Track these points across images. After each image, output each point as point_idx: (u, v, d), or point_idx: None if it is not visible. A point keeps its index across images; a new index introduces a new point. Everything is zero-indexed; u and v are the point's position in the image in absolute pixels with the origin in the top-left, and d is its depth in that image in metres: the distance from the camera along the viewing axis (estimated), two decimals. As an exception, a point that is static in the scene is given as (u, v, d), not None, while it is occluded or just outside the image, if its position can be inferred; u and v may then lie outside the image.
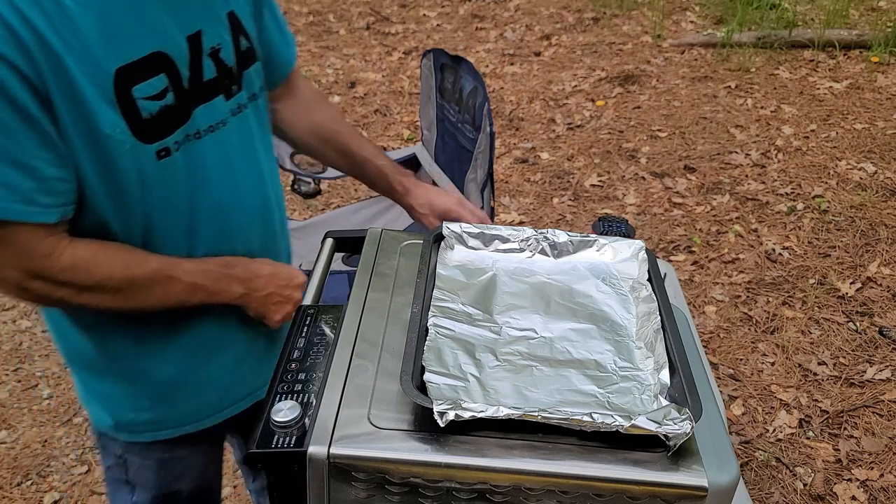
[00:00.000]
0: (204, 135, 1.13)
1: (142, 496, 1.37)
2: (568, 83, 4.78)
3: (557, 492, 0.88)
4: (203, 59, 1.11)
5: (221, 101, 1.15)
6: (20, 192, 0.98)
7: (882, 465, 2.34)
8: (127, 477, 1.36)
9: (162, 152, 1.07)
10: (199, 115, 1.11)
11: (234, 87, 1.18)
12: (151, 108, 1.04)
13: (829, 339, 2.81)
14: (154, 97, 1.04)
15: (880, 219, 3.36)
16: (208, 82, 1.12)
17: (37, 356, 2.95)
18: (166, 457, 1.34)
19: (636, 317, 1.10)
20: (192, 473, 1.39)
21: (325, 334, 1.09)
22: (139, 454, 1.33)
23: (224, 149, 1.17)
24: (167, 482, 1.36)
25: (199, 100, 1.11)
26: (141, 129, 1.03)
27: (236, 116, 1.19)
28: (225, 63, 1.15)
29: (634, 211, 3.58)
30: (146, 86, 1.03)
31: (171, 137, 1.08)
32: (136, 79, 1.01)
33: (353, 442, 0.89)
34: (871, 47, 4.69)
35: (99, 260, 1.08)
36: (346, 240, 1.34)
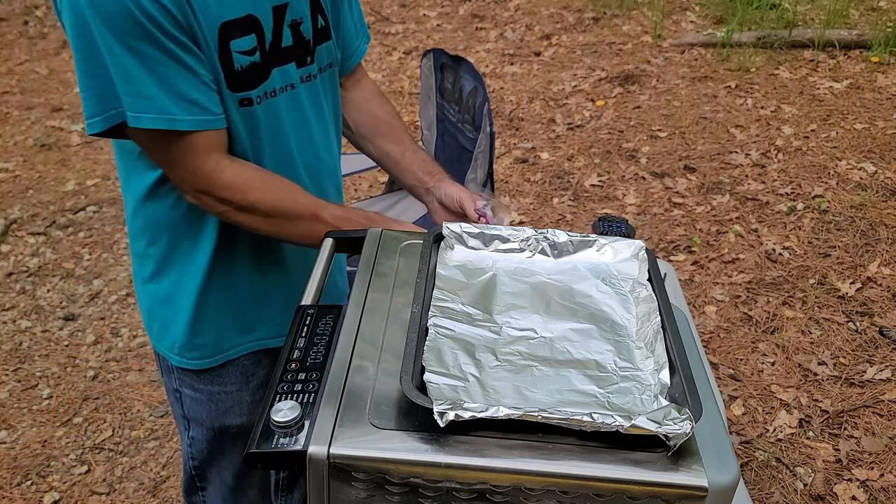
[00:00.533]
0: (279, 93, 1.28)
1: (196, 430, 1.50)
2: (568, 83, 4.78)
3: (557, 492, 0.88)
4: (283, 28, 1.26)
5: (293, 68, 1.30)
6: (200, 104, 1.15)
7: (882, 465, 2.34)
8: (183, 411, 1.49)
9: (245, 101, 1.23)
10: (275, 75, 1.27)
11: (307, 57, 1.32)
12: (243, 61, 1.21)
13: (830, 339, 2.81)
14: (247, 52, 1.21)
15: (880, 219, 3.36)
16: (285, 49, 1.28)
17: (37, 356, 2.95)
18: (215, 389, 1.45)
19: (636, 317, 1.10)
20: (241, 408, 1.48)
21: (325, 334, 1.09)
22: (191, 387, 1.45)
23: (295, 110, 1.32)
24: (217, 416, 1.47)
25: (276, 62, 1.26)
26: (232, 78, 1.20)
27: (305, 84, 1.33)
28: (303, 35, 1.30)
29: (634, 211, 3.58)
30: (241, 41, 1.19)
31: (253, 91, 1.24)
32: (234, 34, 1.18)
33: (353, 442, 0.89)
34: (872, 47, 4.69)
35: (255, 184, 1.24)
36: (346, 240, 1.34)
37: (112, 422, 2.65)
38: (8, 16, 6.28)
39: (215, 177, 1.21)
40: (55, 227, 3.74)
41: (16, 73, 5.40)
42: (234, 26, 1.17)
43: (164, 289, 1.40)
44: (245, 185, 1.23)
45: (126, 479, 2.45)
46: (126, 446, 2.56)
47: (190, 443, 1.51)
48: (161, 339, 1.44)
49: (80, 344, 3.00)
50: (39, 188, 4.08)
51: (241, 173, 1.23)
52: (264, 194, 1.24)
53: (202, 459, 1.53)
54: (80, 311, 3.18)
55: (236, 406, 1.48)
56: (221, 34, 1.16)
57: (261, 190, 1.24)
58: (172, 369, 1.45)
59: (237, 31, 1.18)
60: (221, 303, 1.40)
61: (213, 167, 1.20)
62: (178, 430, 1.55)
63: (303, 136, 1.35)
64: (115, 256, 3.52)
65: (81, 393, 2.77)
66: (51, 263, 3.48)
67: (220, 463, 1.53)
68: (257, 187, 1.24)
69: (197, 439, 1.51)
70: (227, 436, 1.50)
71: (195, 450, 1.52)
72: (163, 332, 1.43)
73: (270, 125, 1.28)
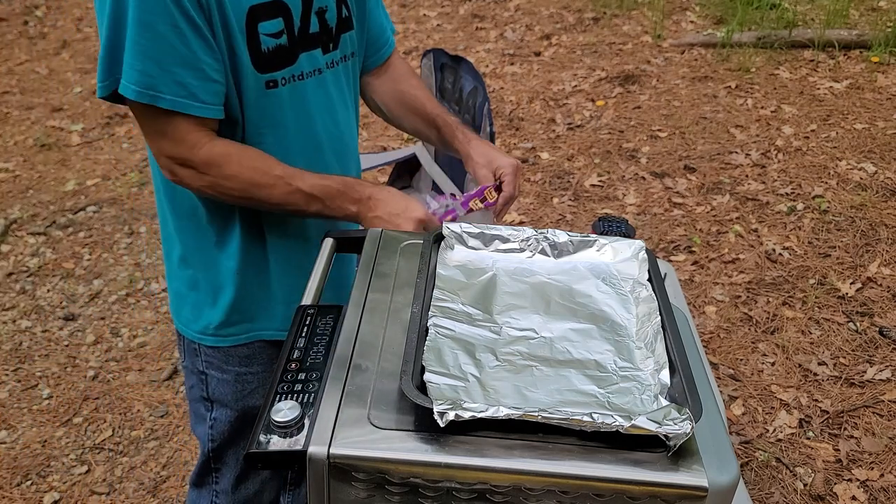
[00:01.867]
0: (307, 77, 1.34)
1: (220, 412, 1.53)
2: (568, 83, 4.78)
3: (557, 492, 0.88)
4: (311, 15, 1.32)
5: (319, 53, 1.36)
6: (189, 89, 1.20)
7: (882, 465, 2.34)
8: (206, 393, 1.53)
9: (270, 83, 1.29)
10: (303, 59, 1.33)
11: (331, 44, 1.38)
12: (270, 43, 1.26)
13: (830, 339, 2.81)
14: (273, 35, 1.26)
15: (880, 219, 3.36)
16: (313, 34, 1.34)
17: (37, 356, 2.95)
18: (242, 370, 1.50)
19: (636, 317, 1.10)
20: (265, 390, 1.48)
21: (325, 334, 1.09)
22: (219, 368, 1.50)
23: (321, 94, 1.38)
24: (242, 396, 1.52)
25: (304, 47, 1.32)
26: (259, 60, 1.26)
27: (330, 70, 1.39)
28: (328, 23, 1.36)
29: (634, 211, 3.58)
30: (268, 24, 1.25)
31: (279, 73, 1.29)
32: (262, 17, 1.24)
33: (353, 442, 0.89)
34: (872, 47, 4.69)
35: (231, 158, 1.28)
36: (346, 240, 1.34)
37: (112, 422, 2.65)
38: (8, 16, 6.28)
39: (195, 151, 1.26)
40: (55, 227, 3.74)
41: (16, 73, 5.40)
42: (262, 9, 1.24)
43: (196, 272, 1.45)
44: (221, 159, 1.27)
45: (126, 479, 2.45)
46: (126, 446, 2.56)
47: (211, 424, 1.55)
48: (191, 323, 1.49)
49: (80, 344, 3.00)
50: (39, 188, 4.08)
51: (219, 147, 1.28)
52: (241, 168, 1.28)
53: (222, 441, 1.56)
54: (80, 311, 3.18)
55: (261, 388, 1.52)
56: (250, 17, 1.22)
57: (237, 164, 1.28)
58: (200, 351, 1.49)
59: (265, 14, 1.24)
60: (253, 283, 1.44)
61: (194, 143, 1.26)
62: (195, 414, 1.58)
63: (330, 120, 1.41)
64: (115, 256, 3.52)
65: (81, 393, 2.77)
66: (51, 263, 3.48)
67: (238, 444, 1.57)
68: (233, 161, 1.28)
69: (220, 420, 1.54)
70: (249, 416, 1.54)
71: (216, 431, 1.55)
72: (194, 314, 1.48)
73: (296, 107, 1.34)
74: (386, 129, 4.49)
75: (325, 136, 1.41)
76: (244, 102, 1.28)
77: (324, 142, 1.41)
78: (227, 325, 1.47)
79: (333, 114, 1.42)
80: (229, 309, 1.46)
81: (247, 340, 1.49)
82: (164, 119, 1.23)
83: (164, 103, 1.20)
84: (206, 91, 1.22)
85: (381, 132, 4.47)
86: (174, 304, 1.53)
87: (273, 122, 1.32)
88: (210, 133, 1.28)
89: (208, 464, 1.59)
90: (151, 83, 1.19)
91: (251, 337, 1.49)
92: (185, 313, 1.50)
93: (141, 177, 4.14)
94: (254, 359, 1.50)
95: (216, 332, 1.47)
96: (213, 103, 1.24)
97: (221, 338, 1.48)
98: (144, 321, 3.11)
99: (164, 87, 1.19)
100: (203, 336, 1.48)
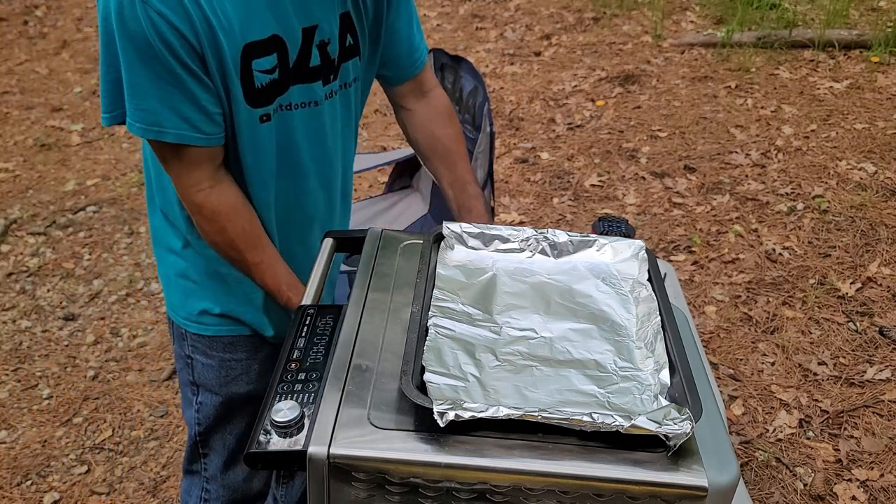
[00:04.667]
0: (296, 108, 1.34)
1: (205, 396, 1.56)
2: (568, 83, 4.78)
3: (557, 492, 0.88)
4: (312, 49, 1.31)
5: (319, 86, 1.36)
6: (191, 122, 1.23)
7: (882, 465, 2.34)
8: (192, 377, 1.55)
9: (264, 117, 1.30)
10: (294, 91, 1.32)
11: (331, 75, 1.37)
12: (263, 79, 1.26)
13: (830, 339, 2.81)
14: (266, 71, 1.26)
15: (880, 219, 3.36)
16: (313, 68, 1.33)
17: (37, 356, 2.95)
18: (227, 357, 1.53)
19: (636, 317, 1.10)
20: (249, 377, 1.56)
21: (325, 334, 1.09)
22: (203, 353, 1.52)
23: (313, 124, 1.37)
24: (226, 382, 1.54)
25: (300, 80, 1.32)
26: (252, 95, 1.26)
27: (328, 101, 1.39)
28: (329, 55, 1.35)
29: (634, 211, 3.58)
30: (263, 61, 1.25)
31: (270, 106, 1.30)
32: (257, 54, 1.24)
33: (353, 442, 0.89)
34: (872, 47, 4.69)
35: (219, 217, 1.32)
36: (346, 240, 1.34)
37: (112, 422, 2.65)
38: (8, 16, 6.28)
39: (192, 193, 1.30)
40: (55, 227, 3.74)
41: (16, 73, 5.40)
42: (257, 46, 1.23)
43: (186, 261, 1.48)
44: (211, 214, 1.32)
45: (126, 479, 2.45)
46: (126, 446, 2.56)
47: (197, 408, 1.57)
48: (179, 308, 1.52)
49: (80, 344, 3.00)
50: (39, 188, 4.08)
51: (212, 201, 1.31)
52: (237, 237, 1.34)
53: (208, 425, 1.58)
54: (80, 311, 3.18)
55: (244, 374, 1.54)
56: (245, 54, 1.22)
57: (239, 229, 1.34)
58: (186, 336, 1.52)
59: (260, 51, 1.24)
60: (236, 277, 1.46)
61: (194, 183, 1.29)
62: (184, 398, 1.61)
63: (319, 148, 1.41)
64: (115, 256, 3.52)
65: (81, 393, 2.77)
66: (51, 263, 3.48)
67: (224, 429, 1.59)
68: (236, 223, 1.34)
69: (205, 405, 1.56)
70: (234, 402, 1.56)
71: (202, 415, 1.57)
72: (182, 301, 1.51)
73: (282, 136, 1.34)
74: (386, 129, 4.49)
75: (312, 163, 1.41)
76: (236, 133, 1.29)
77: (309, 169, 1.42)
78: (211, 315, 1.50)
79: (324, 141, 1.42)
80: (213, 300, 1.49)
81: (229, 333, 1.52)
82: (171, 151, 1.27)
83: (169, 137, 1.24)
84: (207, 122, 1.25)
85: (381, 132, 4.47)
86: (165, 288, 1.56)
87: (255, 146, 1.33)
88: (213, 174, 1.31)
89: (196, 448, 1.62)
90: (155, 120, 1.23)
91: (234, 330, 1.52)
92: (173, 298, 1.53)
93: (141, 177, 4.14)
94: (237, 346, 1.53)
95: (200, 320, 1.50)
96: (215, 133, 1.27)
97: (205, 326, 1.51)
98: (144, 321, 3.11)
99: (168, 122, 1.23)
100: (188, 322, 1.51)
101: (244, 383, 1.55)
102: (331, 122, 1.42)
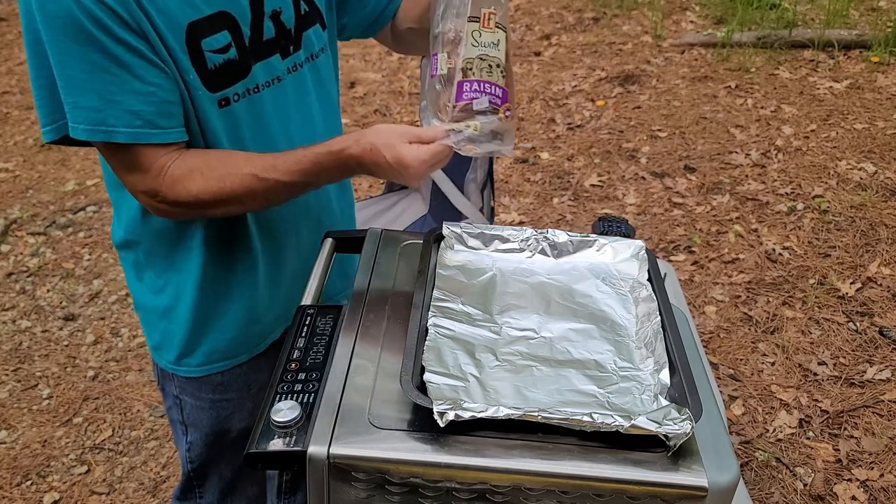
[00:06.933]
0: (262, 89, 1.23)
1: (195, 435, 1.48)
2: (568, 83, 4.78)
3: (557, 492, 0.88)
4: (264, 20, 1.21)
5: (278, 60, 1.25)
6: (143, 117, 1.10)
7: (882, 465, 2.34)
8: (182, 418, 1.47)
9: (223, 101, 1.18)
10: (257, 70, 1.22)
11: (290, 46, 1.27)
12: (216, 59, 1.16)
13: (830, 339, 2.81)
14: (219, 50, 1.15)
15: (880, 219, 3.36)
16: (267, 41, 1.23)
17: (36, 356, 2.95)
18: (217, 398, 1.44)
19: (636, 317, 1.10)
20: (242, 414, 1.47)
21: (325, 334, 1.09)
22: (193, 395, 1.44)
23: (280, 103, 1.27)
24: (218, 421, 1.46)
25: (259, 56, 1.22)
26: (207, 78, 1.15)
27: (292, 74, 1.28)
28: (284, 25, 1.25)
29: (634, 211, 3.58)
30: (212, 40, 1.14)
31: (231, 89, 1.19)
32: (204, 33, 1.13)
33: (353, 442, 0.89)
34: (872, 47, 4.69)
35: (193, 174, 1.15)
36: (346, 239, 1.34)
37: (112, 422, 2.65)
38: (8, 16, 6.28)
39: (160, 178, 1.15)
40: (55, 227, 3.74)
41: (16, 73, 5.40)
42: (202, 25, 1.13)
43: (163, 301, 1.38)
44: (185, 178, 1.15)
45: (126, 479, 2.45)
46: (126, 446, 2.56)
47: (188, 447, 1.50)
48: (161, 350, 1.43)
49: (79, 344, 3.00)
50: (39, 188, 4.08)
51: (178, 166, 1.15)
52: (206, 181, 1.15)
53: (201, 462, 1.52)
54: (79, 311, 3.17)
55: (237, 412, 1.47)
56: (190, 35, 1.11)
57: (200, 178, 1.15)
58: (174, 378, 1.44)
59: (207, 29, 1.13)
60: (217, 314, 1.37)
61: (158, 172, 1.15)
62: (174, 433, 1.54)
63: (293, 128, 1.30)
64: (115, 256, 3.52)
65: (81, 393, 2.77)
66: (51, 263, 3.47)
67: (219, 464, 1.53)
68: (196, 177, 1.15)
69: (195, 444, 1.50)
70: (227, 439, 1.49)
71: (193, 454, 1.51)
72: (163, 342, 1.41)
73: (253, 123, 1.24)
74: (386, 129, 4.48)
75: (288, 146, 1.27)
76: (201, 120, 1.18)
77: None
78: (192, 358, 1.40)
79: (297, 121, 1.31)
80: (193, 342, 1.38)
81: (213, 371, 1.42)
82: (124, 153, 1.13)
83: (121, 137, 1.10)
84: (162, 115, 1.12)
85: (381, 132, 4.47)
86: (145, 328, 1.45)
87: (231, 137, 1.22)
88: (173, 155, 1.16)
89: (190, 482, 1.56)
90: (100, 118, 1.08)
91: (225, 365, 1.42)
92: (155, 339, 1.43)
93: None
94: (228, 386, 1.44)
95: (186, 364, 1.41)
96: (172, 126, 1.14)
97: (192, 368, 1.41)
98: (144, 321, 3.12)
99: (116, 120, 1.08)
100: (175, 367, 1.42)
101: (237, 421, 1.47)
102: (299, 98, 1.30)
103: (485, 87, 1.16)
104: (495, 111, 1.16)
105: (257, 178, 1.16)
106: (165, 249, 1.33)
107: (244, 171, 1.16)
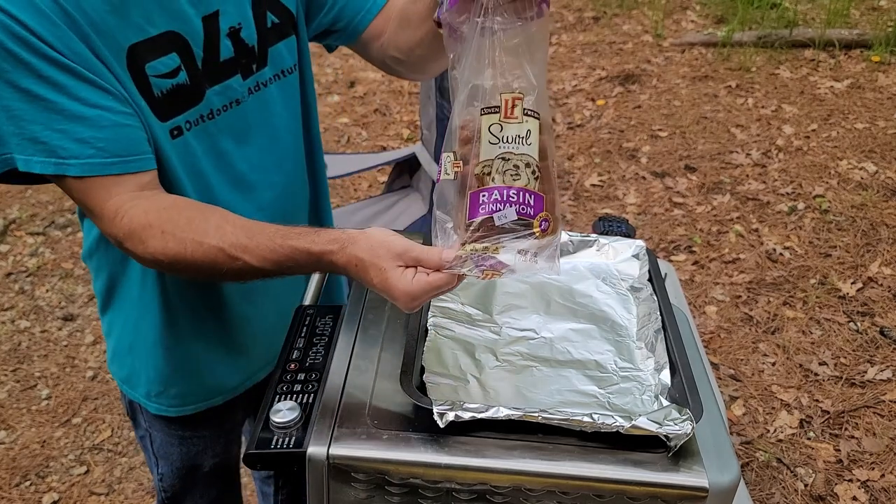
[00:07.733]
0: (218, 115, 1.12)
1: (166, 468, 1.42)
2: (568, 82, 4.78)
3: (558, 492, 0.88)
4: (220, 40, 1.10)
5: (238, 81, 1.14)
6: (95, 145, 0.97)
7: (883, 465, 2.34)
8: (153, 450, 1.41)
9: (174, 131, 1.07)
10: (212, 95, 1.11)
11: (254, 65, 1.15)
12: (163, 85, 1.04)
13: (830, 339, 2.80)
14: (165, 75, 1.04)
15: (881, 219, 3.35)
16: (225, 62, 1.11)
17: (36, 356, 2.94)
18: (187, 434, 1.37)
19: (637, 317, 1.09)
20: (214, 451, 1.42)
21: (324, 334, 1.09)
22: (162, 431, 1.37)
23: (240, 128, 1.15)
24: (189, 457, 1.40)
25: (214, 80, 1.10)
26: (155, 105, 1.04)
27: (254, 95, 1.16)
28: (245, 43, 1.13)
29: (635, 211, 3.58)
30: (158, 63, 1.03)
31: (182, 117, 1.07)
32: (148, 57, 1.02)
33: (353, 442, 0.89)
34: (872, 47, 4.69)
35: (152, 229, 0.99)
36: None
37: (111, 422, 2.65)
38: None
39: (116, 222, 1.00)
40: (54, 227, 3.73)
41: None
42: (146, 47, 1.01)
43: (128, 337, 1.30)
44: (142, 231, 0.99)
45: (125, 480, 2.44)
46: (125, 447, 2.56)
47: (160, 478, 1.45)
48: (128, 385, 1.35)
49: (78, 344, 3.00)
50: (38, 188, 4.08)
51: (139, 218, 0.99)
52: (164, 242, 0.99)
53: (174, 492, 1.46)
54: (78, 312, 3.17)
55: (209, 449, 1.41)
56: (132, 58, 1.00)
57: (159, 235, 0.99)
58: (143, 411, 1.37)
59: (152, 52, 1.02)
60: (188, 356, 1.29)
61: (115, 211, 1.00)
62: (147, 460, 1.47)
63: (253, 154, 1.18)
64: (115, 256, 3.52)
65: (80, 393, 2.76)
66: (49, 263, 3.47)
67: (194, 494, 1.47)
68: (155, 233, 0.99)
69: (167, 475, 1.43)
70: (200, 473, 1.43)
71: (166, 484, 1.45)
72: (131, 378, 1.34)
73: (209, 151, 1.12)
74: (385, 129, 4.48)
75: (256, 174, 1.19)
76: (157, 150, 1.06)
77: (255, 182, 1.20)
78: (160, 398, 1.32)
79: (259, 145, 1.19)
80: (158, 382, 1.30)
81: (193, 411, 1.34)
82: (78, 186, 1.00)
83: (73, 170, 0.97)
84: (118, 140, 0.99)
85: (380, 132, 4.47)
86: (111, 359, 1.37)
87: (188, 170, 1.10)
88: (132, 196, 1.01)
89: None
90: (51, 149, 0.96)
91: (198, 407, 1.34)
92: (123, 373, 1.35)
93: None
94: (200, 423, 1.36)
95: (158, 402, 1.32)
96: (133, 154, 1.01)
97: (164, 407, 1.33)
98: (144, 321, 3.11)
99: (64, 151, 0.96)
100: (146, 402, 1.33)
101: (209, 457, 1.41)
102: (263, 119, 1.18)
103: (509, 195, 0.85)
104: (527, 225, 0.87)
105: (224, 252, 0.98)
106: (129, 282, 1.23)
107: (211, 241, 0.98)
